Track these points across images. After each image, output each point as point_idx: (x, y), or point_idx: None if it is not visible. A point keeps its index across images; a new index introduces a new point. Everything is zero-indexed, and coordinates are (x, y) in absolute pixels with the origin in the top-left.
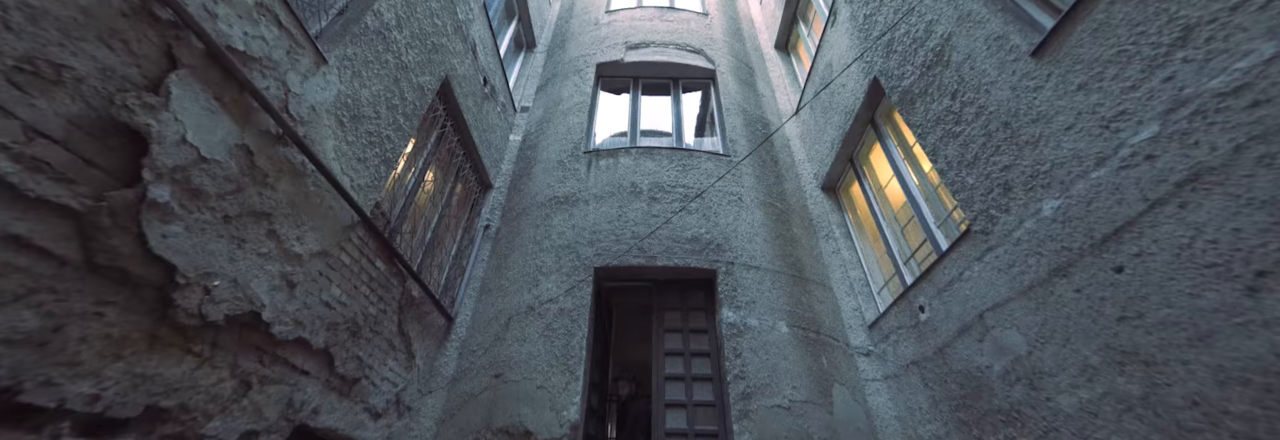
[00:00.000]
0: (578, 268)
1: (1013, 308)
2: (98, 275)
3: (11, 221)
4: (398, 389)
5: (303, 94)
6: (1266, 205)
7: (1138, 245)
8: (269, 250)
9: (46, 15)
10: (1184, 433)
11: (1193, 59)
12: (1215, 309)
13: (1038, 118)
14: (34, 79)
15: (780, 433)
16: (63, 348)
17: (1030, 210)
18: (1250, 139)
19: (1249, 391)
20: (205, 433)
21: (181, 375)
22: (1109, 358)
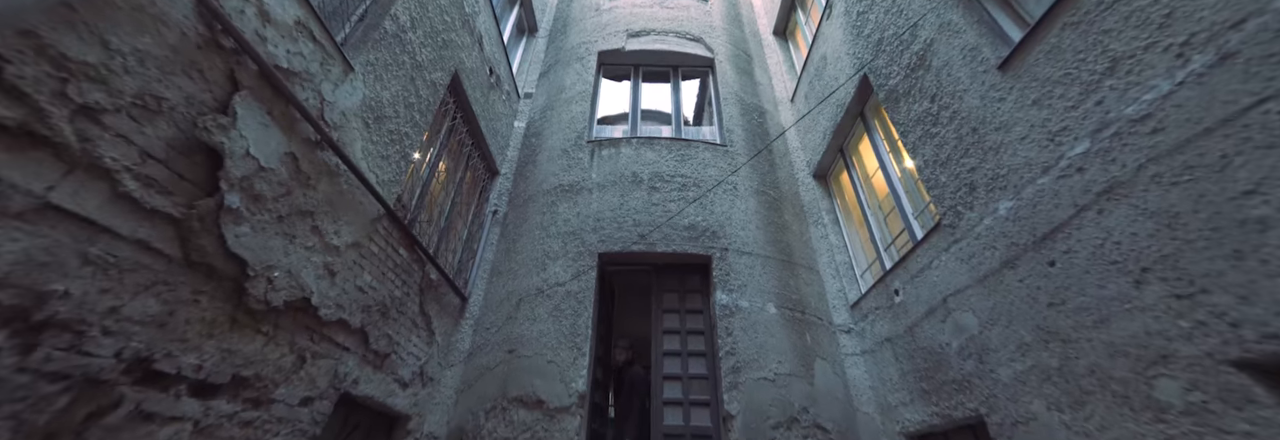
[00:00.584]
0: (583, 253)
1: (970, 294)
2: (193, 270)
3: (137, 228)
4: (421, 362)
5: (335, 101)
6: (1155, 215)
7: (1067, 244)
8: (313, 244)
9: (150, 56)
10: (1083, 394)
11: (1116, 87)
12: (1113, 297)
13: (1000, 126)
14: (144, 111)
15: (765, 402)
16: (176, 328)
17: (990, 209)
18: (1148, 160)
19: (1127, 361)
20: (274, 397)
21: (255, 351)
22: (1038, 337)
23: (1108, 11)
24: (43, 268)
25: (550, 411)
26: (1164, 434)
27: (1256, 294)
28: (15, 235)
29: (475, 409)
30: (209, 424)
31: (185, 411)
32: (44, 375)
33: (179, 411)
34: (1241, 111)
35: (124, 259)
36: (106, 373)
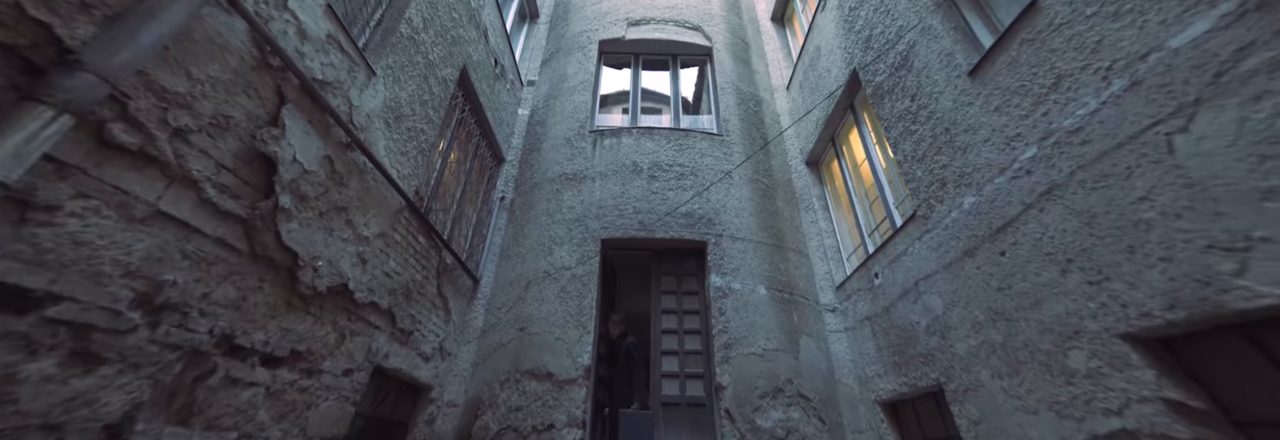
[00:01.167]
0: (587, 239)
1: (937, 278)
2: (257, 261)
3: (217, 228)
4: (440, 339)
5: (361, 105)
6: (1079, 214)
7: (1014, 237)
8: (348, 236)
9: (219, 81)
10: (1018, 364)
11: (1059, 101)
12: (1046, 283)
13: (968, 129)
14: (217, 128)
15: (754, 374)
16: (248, 310)
17: (957, 203)
18: (1078, 167)
19: (1052, 337)
20: (323, 369)
21: (306, 329)
22: (989, 316)
23: (1056, 32)
24: (159, 262)
25: (559, 383)
26: (1071, 393)
27: (1140, 281)
28: (140, 236)
29: (491, 380)
30: (276, 389)
31: (259, 378)
32: (166, 346)
33: (255, 378)
34: (1142, 131)
35: (209, 254)
36: (204, 346)
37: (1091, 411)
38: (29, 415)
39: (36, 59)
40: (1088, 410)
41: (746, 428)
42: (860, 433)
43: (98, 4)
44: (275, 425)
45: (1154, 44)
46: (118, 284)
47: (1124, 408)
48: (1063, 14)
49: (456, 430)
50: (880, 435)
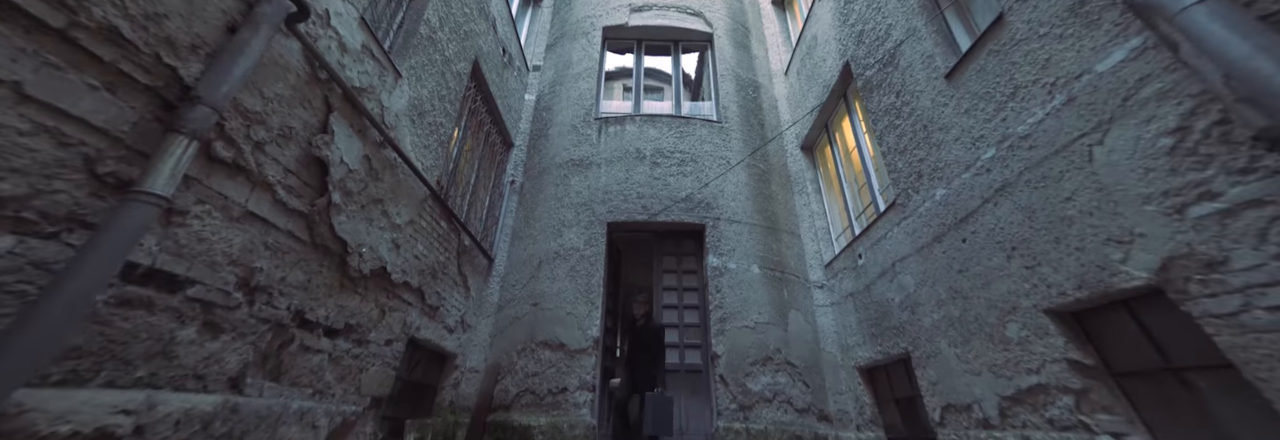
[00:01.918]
0: (593, 222)
1: (910, 260)
2: (317, 250)
3: (287, 222)
4: (461, 313)
5: (390, 106)
6: (1022, 209)
7: (974, 226)
8: (384, 224)
9: (283, 97)
10: (969, 335)
11: (1015, 109)
12: (995, 267)
13: (942, 127)
14: (283, 138)
15: (746, 344)
16: (313, 291)
17: (930, 194)
18: (1025, 168)
19: (996, 312)
20: (370, 339)
21: (355, 306)
22: (950, 294)
23: (1015, 47)
24: (250, 252)
25: (570, 352)
26: (1006, 357)
27: (1061, 266)
28: (236, 232)
29: (508, 350)
30: (336, 355)
31: (323, 347)
32: (260, 319)
33: (320, 346)
34: (1072, 141)
35: (282, 244)
36: (284, 320)
37: (1018, 371)
38: (185, 368)
39: (169, 97)
40: (1016, 370)
41: (738, 391)
42: (840, 394)
43: (202, 45)
44: (338, 384)
45: (1086, 67)
46: (226, 270)
47: (1041, 367)
48: (1022, 31)
49: (479, 393)
50: (857, 396)
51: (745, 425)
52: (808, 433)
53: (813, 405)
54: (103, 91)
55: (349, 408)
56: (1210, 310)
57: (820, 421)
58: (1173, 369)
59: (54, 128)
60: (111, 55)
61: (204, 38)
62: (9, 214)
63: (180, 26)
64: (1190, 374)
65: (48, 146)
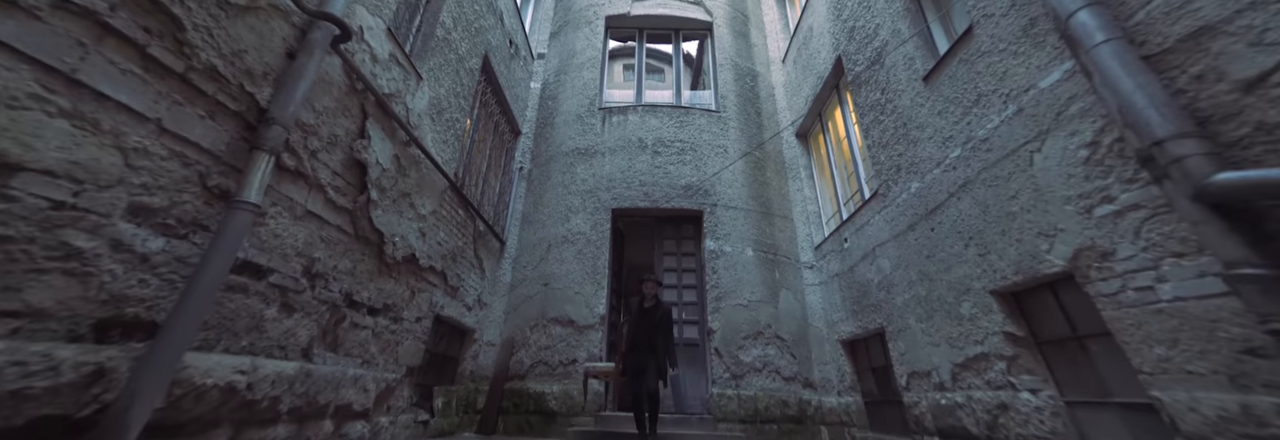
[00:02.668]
0: (598, 209)
1: (888, 245)
2: (360, 241)
3: (336, 218)
4: (478, 292)
5: (413, 108)
6: (979, 204)
7: (940, 217)
8: (412, 215)
9: (329, 109)
10: (932, 312)
11: (978, 114)
12: (955, 254)
13: (919, 126)
14: (330, 145)
15: (739, 321)
16: (358, 276)
17: (906, 186)
18: (983, 168)
19: (951, 291)
20: (403, 317)
21: (391, 288)
22: (919, 276)
23: (981, 58)
24: (311, 245)
25: (579, 328)
26: (959, 331)
27: (1004, 255)
28: (299, 228)
29: (522, 325)
30: (378, 330)
31: (368, 323)
32: (320, 301)
33: (365, 323)
34: (1019, 146)
35: (333, 237)
36: (338, 301)
37: (968, 343)
38: (272, 340)
39: (250, 119)
40: (966, 342)
41: (731, 362)
42: (825, 364)
43: (270, 72)
44: (381, 355)
45: (1032, 82)
46: (294, 260)
47: (985, 339)
48: (986, 43)
49: (496, 364)
50: (839, 366)
51: (737, 392)
52: (793, 398)
53: (799, 374)
54: (207, 119)
55: (390, 375)
56: (1101, 291)
57: (805, 388)
58: (1077, 337)
59: (180, 152)
60: (212, 89)
61: (271, 65)
62: (158, 220)
63: (255, 58)
64: (1087, 341)
65: (177, 167)
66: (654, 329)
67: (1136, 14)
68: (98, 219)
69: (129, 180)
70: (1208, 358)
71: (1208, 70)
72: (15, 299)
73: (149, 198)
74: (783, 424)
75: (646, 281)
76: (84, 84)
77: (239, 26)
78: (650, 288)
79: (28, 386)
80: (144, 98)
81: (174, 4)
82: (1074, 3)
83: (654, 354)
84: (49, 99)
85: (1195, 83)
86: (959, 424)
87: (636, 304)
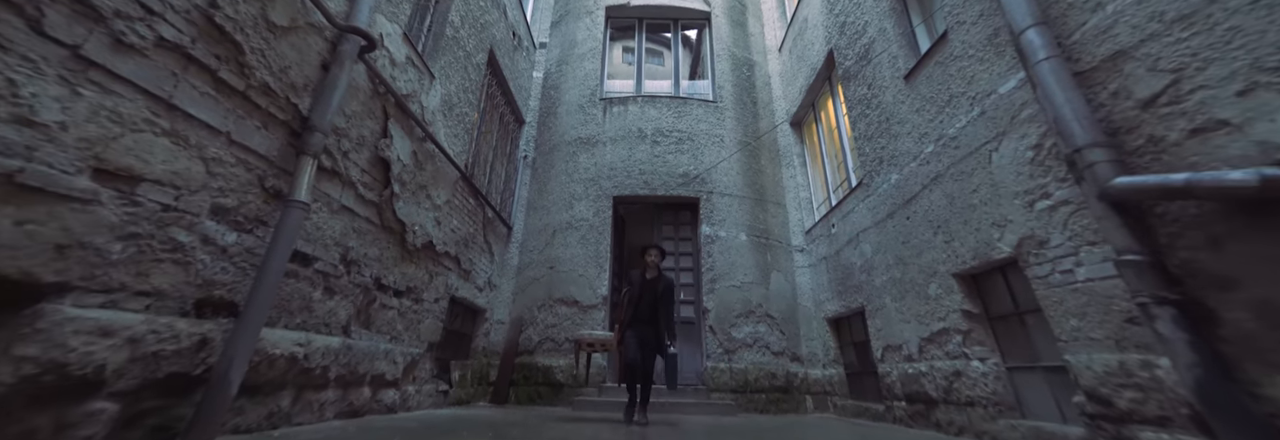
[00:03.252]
0: (600, 196)
1: (870, 231)
2: (385, 230)
3: (365, 211)
4: (488, 275)
5: (428, 105)
6: (948, 196)
7: (915, 206)
8: (428, 205)
9: (357, 113)
10: (904, 292)
11: (948, 114)
12: (926, 240)
13: (899, 121)
14: (359, 146)
15: (732, 300)
16: (385, 262)
17: (886, 177)
18: (951, 164)
19: (921, 273)
20: (424, 298)
21: (412, 272)
22: (895, 260)
23: (953, 62)
24: (345, 235)
25: (583, 308)
26: (927, 309)
27: (965, 243)
28: (336, 221)
29: (530, 305)
30: (403, 310)
31: (394, 304)
32: (355, 284)
33: (393, 304)
34: (981, 145)
35: (363, 228)
36: (369, 285)
37: (932, 319)
38: (319, 318)
39: (295, 127)
40: (931, 318)
41: (724, 338)
42: (811, 340)
43: (309, 83)
44: (406, 332)
45: (994, 88)
46: (333, 249)
47: (946, 316)
48: (958, 48)
49: (506, 340)
50: (825, 341)
51: (729, 365)
52: (781, 370)
53: (787, 349)
54: (263, 129)
55: (414, 350)
56: (1036, 274)
57: (793, 361)
58: (1018, 313)
59: (244, 159)
60: (265, 102)
61: (309, 78)
62: (231, 218)
63: (297, 72)
64: (1026, 316)
65: (242, 172)
66: (655, 301)
67: (1074, 34)
68: (191, 218)
69: (210, 185)
70: (1103, 327)
71: (1120, 88)
72: (146, 282)
73: (224, 199)
74: (770, 393)
75: (650, 250)
76: (177, 107)
77: (283, 45)
78: (654, 257)
79: (162, 349)
80: (217, 114)
81: (236, 32)
82: (1025, 21)
83: (654, 327)
84: (155, 122)
85: (1111, 98)
86: (922, 389)
87: (638, 275)
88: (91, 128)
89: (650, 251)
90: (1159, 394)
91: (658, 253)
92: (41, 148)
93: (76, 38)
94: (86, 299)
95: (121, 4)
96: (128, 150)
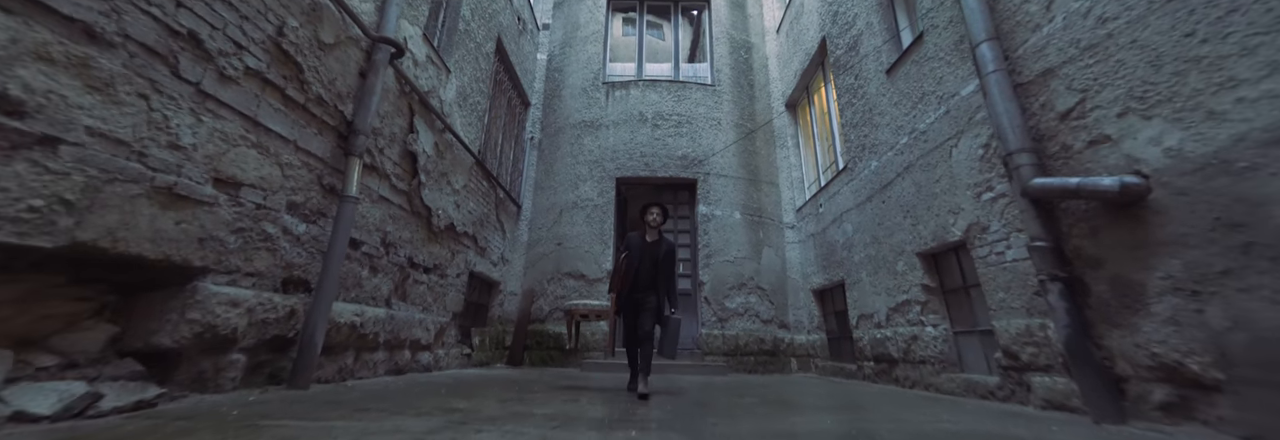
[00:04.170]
0: (604, 178)
1: (852, 212)
2: (414, 215)
3: (397, 199)
4: (501, 251)
5: (446, 99)
6: (917, 184)
7: (891, 191)
8: (448, 190)
9: (388, 113)
10: (878, 268)
11: (920, 110)
12: (897, 222)
13: (880, 113)
14: (390, 142)
15: (726, 274)
16: (416, 243)
17: (867, 164)
18: (920, 156)
19: (892, 252)
20: (447, 274)
21: (437, 251)
22: (872, 239)
23: (927, 61)
24: (384, 221)
25: (589, 281)
26: (894, 283)
27: (927, 226)
28: (376, 209)
29: (539, 278)
30: (431, 284)
31: (424, 280)
32: (393, 263)
33: (423, 279)
34: (944, 141)
35: (397, 214)
36: (403, 263)
37: (898, 292)
38: (367, 292)
39: (342, 131)
40: (897, 291)
41: (718, 308)
42: (798, 309)
43: (351, 92)
44: (434, 304)
45: (957, 90)
46: (375, 234)
47: (909, 289)
48: (931, 50)
49: (519, 310)
50: (810, 310)
51: (722, 331)
52: (769, 336)
53: (775, 317)
54: (319, 135)
55: (442, 319)
56: (978, 254)
57: (780, 328)
58: (964, 287)
59: (307, 162)
60: (320, 112)
61: (351, 86)
62: (301, 212)
63: (342, 83)
64: (970, 289)
65: (306, 173)
66: (656, 267)
67: (1018, 49)
68: (275, 213)
69: (284, 185)
70: (1019, 298)
71: (1047, 101)
72: (251, 265)
73: (295, 196)
74: (758, 356)
75: (650, 208)
76: (260, 123)
77: (330, 60)
78: (655, 217)
79: (267, 317)
80: (286, 125)
81: (297, 54)
82: (980, 35)
83: (655, 294)
84: (247, 137)
85: (1040, 109)
86: (887, 351)
87: (637, 238)
88: (210, 146)
89: (651, 210)
90: (1048, 348)
91: (660, 212)
92: (185, 165)
93: (197, 76)
94: (219, 279)
95: (222, 43)
96: (232, 162)
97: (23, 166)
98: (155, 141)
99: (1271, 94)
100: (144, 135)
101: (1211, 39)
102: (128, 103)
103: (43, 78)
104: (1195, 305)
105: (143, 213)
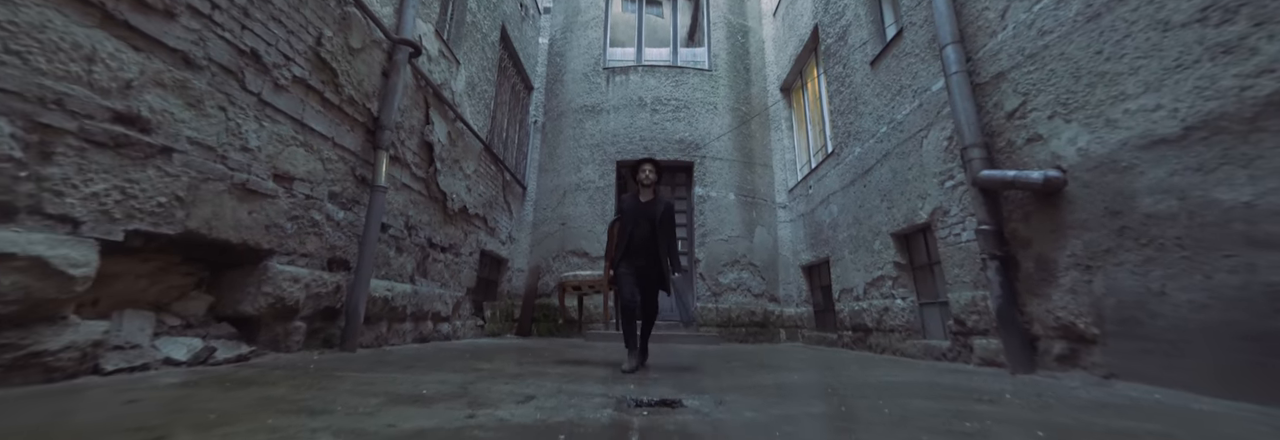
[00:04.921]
0: (605, 161)
1: (838, 194)
2: (432, 200)
3: (417, 185)
4: (509, 230)
5: (457, 90)
6: (893, 170)
7: (871, 177)
8: (460, 176)
9: (408, 107)
10: (858, 246)
11: (898, 102)
12: (876, 204)
13: (864, 102)
14: (410, 134)
15: (720, 252)
16: (434, 225)
17: (852, 149)
18: (897, 145)
19: (870, 232)
20: (462, 252)
21: (452, 232)
22: (854, 220)
23: (906, 56)
24: (406, 207)
25: (592, 258)
26: (871, 261)
27: (900, 210)
28: (399, 196)
29: (545, 256)
30: (448, 262)
31: (442, 258)
32: (414, 244)
33: (441, 258)
34: (917, 131)
35: (417, 199)
36: (423, 243)
37: (874, 268)
38: (394, 270)
39: (370, 127)
40: (874, 268)
41: (712, 283)
42: (788, 284)
43: (376, 91)
44: (451, 280)
45: (929, 84)
46: (399, 218)
47: (883, 265)
48: (909, 45)
49: (526, 286)
50: (799, 285)
51: (716, 305)
52: (760, 309)
53: (766, 291)
54: (351, 131)
55: (458, 293)
56: (940, 235)
57: (770, 302)
58: (929, 264)
59: (343, 156)
60: (351, 111)
61: (375, 86)
62: (339, 201)
63: (369, 83)
64: (934, 266)
65: (342, 166)
66: (653, 228)
67: (978, 52)
68: (319, 202)
69: (326, 177)
70: (969, 274)
71: (998, 101)
72: (304, 247)
73: (334, 187)
74: (749, 327)
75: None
76: (305, 123)
77: (358, 63)
78: (648, 174)
79: (319, 291)
80: (325, 124)
81: (332, 60)
82: (947, 38)
83: (653, 259)
84: (296, 137)
85: (993, 108)
86: (862, 321)
87: (630, 200)
88: (269, 148)
89: (644, 167)
90: (986, 316)
91: (652, 168)
92: (253, 164)
93: (258, 87)
94: (282, 259)
95: (275, 57)
96: (286, 159)
97: (152, 172)
98: (232, 145)
99: (1145, 108)
100: (224, 141)
101: (1113, 58)
102: (212, 115)
103: (159, 100)
104: (1087, 277)
105: (227, 205)
